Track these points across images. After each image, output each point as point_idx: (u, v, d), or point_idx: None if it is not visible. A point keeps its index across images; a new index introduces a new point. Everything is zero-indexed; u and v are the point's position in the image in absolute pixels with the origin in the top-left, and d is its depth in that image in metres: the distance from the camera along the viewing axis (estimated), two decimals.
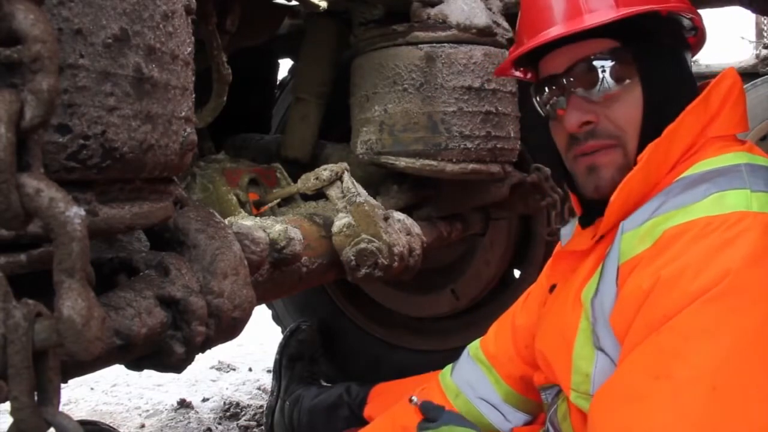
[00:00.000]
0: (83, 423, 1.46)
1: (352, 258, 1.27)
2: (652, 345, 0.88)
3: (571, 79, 1.06)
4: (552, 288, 1.23)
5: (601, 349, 1.00)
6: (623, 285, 0.96)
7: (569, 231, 1.22)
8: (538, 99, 1.15)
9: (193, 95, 0.74)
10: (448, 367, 1.51)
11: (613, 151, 1.05)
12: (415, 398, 1.36)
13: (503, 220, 2.31)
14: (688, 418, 0.82)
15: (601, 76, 1.04)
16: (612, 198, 1.02)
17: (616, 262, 0.98)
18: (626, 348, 0.93)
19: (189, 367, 0.77)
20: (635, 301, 0.92)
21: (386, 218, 1.35)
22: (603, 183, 1.06)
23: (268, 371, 2.90)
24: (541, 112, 1.17)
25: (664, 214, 0.95)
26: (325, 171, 1.37)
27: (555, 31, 1.06)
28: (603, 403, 0.94)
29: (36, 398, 0.49)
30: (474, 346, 1.50)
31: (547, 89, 1.12)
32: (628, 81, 1.04)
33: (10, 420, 0.49)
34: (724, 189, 0.93)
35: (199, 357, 0.79)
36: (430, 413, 1.29)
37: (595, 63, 1.04)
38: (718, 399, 0.81)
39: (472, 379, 1.43)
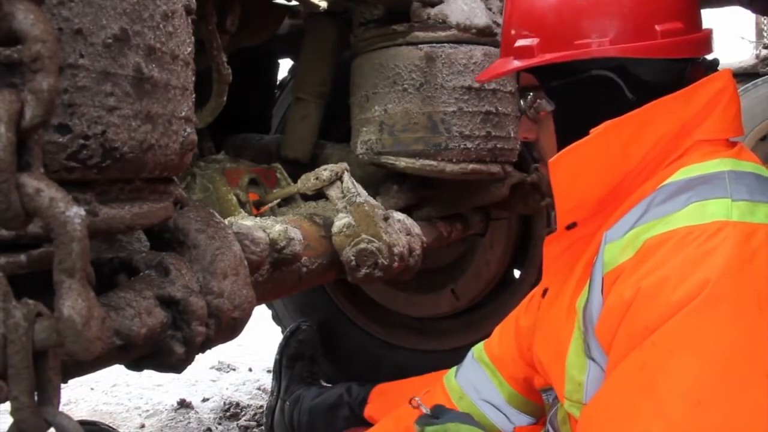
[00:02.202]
0: (83, 423, 1.46)
1: (352, 258, 1.27)
2: (636, 360, 0.87)
3: (521, 100, 1.16)
4: (544, 292, 1.23)
5: (593, 359, 1.00)
6: (607, 295, 0.95)
7: None
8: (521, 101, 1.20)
9: (193, 95, 0.74)
10: (453, 369, 1.51)
11: (545, 166, 1.13)
12: (417, 399, 1.36)
13: (503, 220, 2.31)
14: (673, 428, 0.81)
15: (529, 105, 1.13)
16: (552, 161, 1.04)
17: (600, 272, 0.98)
18: (611, 361, 0.93)
19: (189, 367, 0.77)
20: (618, 312, 0.91)
21: (386, 218, 1.35)
22: (545, 189, 1.16)
23: (268, 371, 2.89)
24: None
25: (645, 224, 0.94)
26: (325, 171, 1.37)
27: (495, 68, 1.18)
28: (590, 421, 0.93)
29: (36, 398, 0.49)
30: (478, 348, 1.50)
31: (518, 96, 1.21)
32: (544, 113, 1.11)
33: (10, 420, 0.49)
34: (705, 198, 0.92)
35: (199, 357, 0.79)
36: (433, 411, 1.29)
37: (523, 93, 1.14)
38: (703, 413, 0.81)
39: (475, 381, 1.42)
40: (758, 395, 0.81)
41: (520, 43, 1.10)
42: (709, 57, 1.10)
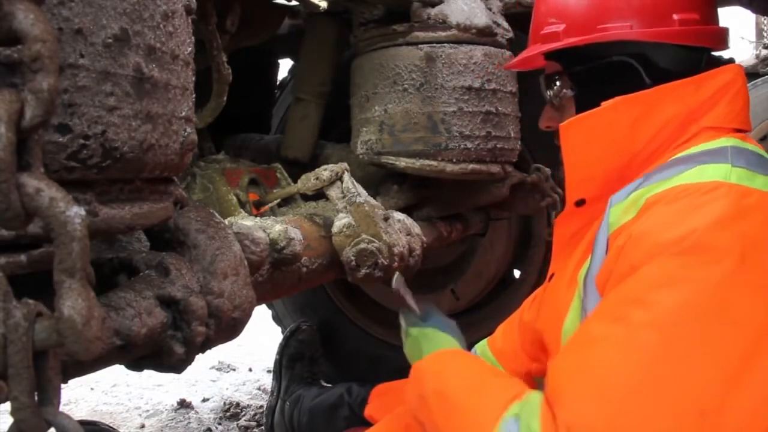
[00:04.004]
0: (83, 423, 1.46)
1: (352, 258, 1.27)
2: (617, 292, 0.91)
3: (547, 91, 1.22)
4: (551, 277, 1.26)
5: None
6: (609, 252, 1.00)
7: None
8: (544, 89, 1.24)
9: (193, 95, 0.74)
10: None
11: None
12: (398, 278, 1.33)
13: (503, 220, 2.31)
14: (638, 359, 0.84)
15: (552, 91, 1.19)
16: (563, 125, 1.09)
17: (606, 234, 1.01)
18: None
19: (189, 367, 0.77)
20: (613, 260, 0.96)
21: (386, 218, 1.35)
22: (561, 174, 1.19)
23: (268, 371, 2.89)
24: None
25: (647, 186, 0.99)
26: (325, 171, 1.37)
27: (523, 54, 1.24)
28: (564, 349, 0.97)
29: (36, 398, 0.49)
30: (481, 345, 1.51)
31: (543, 84, 1.25)
32: (567, 98, 1.17)
33: (10, 420, 0.49)
34: (705, 163, 0.96)
35: (199, 357, 0.79)
36: (424, 313, 1.31)
37: (548, 80, 1.20)
38: (670, 345, 0.83)
39: None
40: (725, 341, 0.84)
41: (547, 29, 1.16)
42: (725, 57, 1.16)
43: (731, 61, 1.14)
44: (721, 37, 1.12)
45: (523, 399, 0.92)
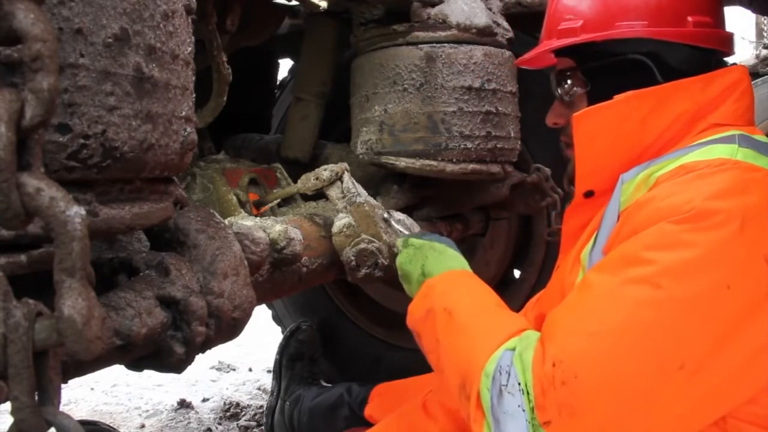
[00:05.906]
0: (83, 423, 1.46)
1: (352, 258, 1.27)
2: (617, 251, 0.96)
3: (557, 88, 1.24)
4: (557, 269, 1.29)
5: None
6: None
7: None
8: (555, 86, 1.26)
9: (193, 95, 0.74)
10: None
11: (572, 150, 1.18)
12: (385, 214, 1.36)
13: (503, 220, 2.31)
14: (629, 307, 0.89)
15: (563, 88, 1.22)
16: (576, 114, 1.12)
17: (617, 210, 1.05)
18: None
19: (189, 367, 0.77)
20: (620, 226, 1.00)
21: (386, 218, 1.35)
22: (568, 172, 1.22)
23: (268, 371, 2.89)
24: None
25: (658, 164, 1.04)
26: (325, 171, 1.37)
27: (538, 48, 1.26)
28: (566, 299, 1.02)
29: (36, 398, 0.49)
30: None
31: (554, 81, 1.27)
32: (579, 94, 1.20)
33: (10, 420, 0.49)
34: (714, 145, 1.01)
35: (199, 357, 0.79)
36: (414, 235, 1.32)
37: (559, 77, 1.23)
38: (661, 299, 0.87)
39: None
40: (714, 303, 0.87)
41: (564, 25, 1.19)
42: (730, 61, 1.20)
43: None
44: (729, 41, 1.16)
45: (522, 335, 0.99)
